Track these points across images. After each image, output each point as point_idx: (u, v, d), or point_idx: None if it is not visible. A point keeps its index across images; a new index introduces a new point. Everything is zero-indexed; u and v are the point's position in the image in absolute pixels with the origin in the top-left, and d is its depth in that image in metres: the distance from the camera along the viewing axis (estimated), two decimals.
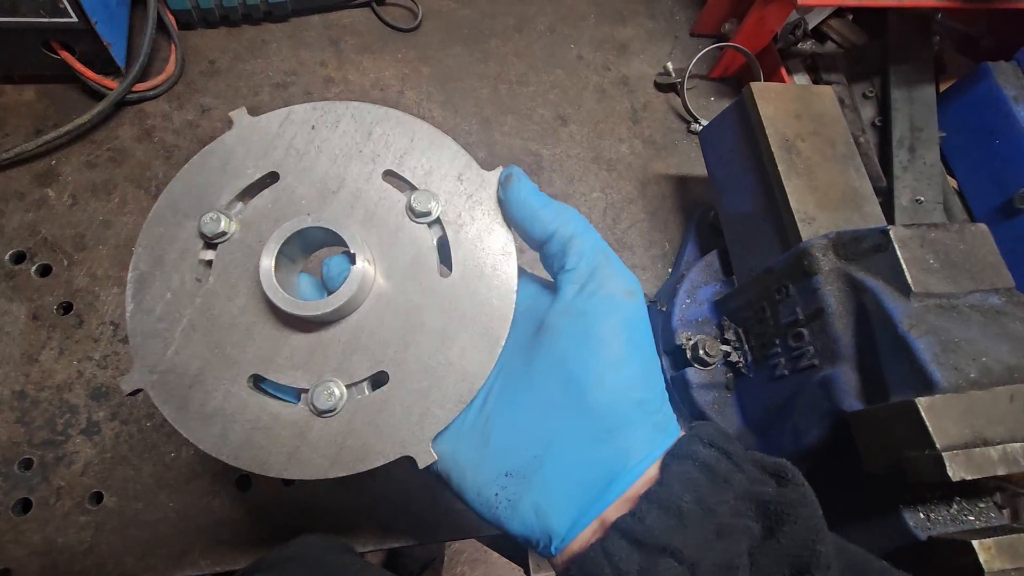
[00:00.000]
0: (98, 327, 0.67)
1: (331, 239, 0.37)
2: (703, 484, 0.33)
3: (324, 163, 0.38)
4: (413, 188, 0.39)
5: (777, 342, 0.59)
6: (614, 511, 0.34)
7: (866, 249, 0.50)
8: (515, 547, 0.76)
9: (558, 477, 0.35)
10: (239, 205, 0.38)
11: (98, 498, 0.61)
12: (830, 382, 0.51)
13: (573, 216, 0.39)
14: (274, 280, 0.34)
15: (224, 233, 0.37)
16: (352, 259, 0.35)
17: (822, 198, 0.61)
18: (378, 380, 0.38)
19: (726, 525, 0.32)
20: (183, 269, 0.37)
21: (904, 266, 0.47)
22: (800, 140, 0.64)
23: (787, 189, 0.61)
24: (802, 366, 0.55)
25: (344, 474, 0.36)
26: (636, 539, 0.32)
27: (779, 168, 0.62)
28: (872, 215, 0.62)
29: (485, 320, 0.37)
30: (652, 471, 0.35)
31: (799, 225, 0.59)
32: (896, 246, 0.48)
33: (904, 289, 0.46)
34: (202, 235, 0.37)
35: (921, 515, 0.47)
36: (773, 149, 0.63)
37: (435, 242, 0.38)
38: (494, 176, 0.38)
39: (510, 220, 0.39)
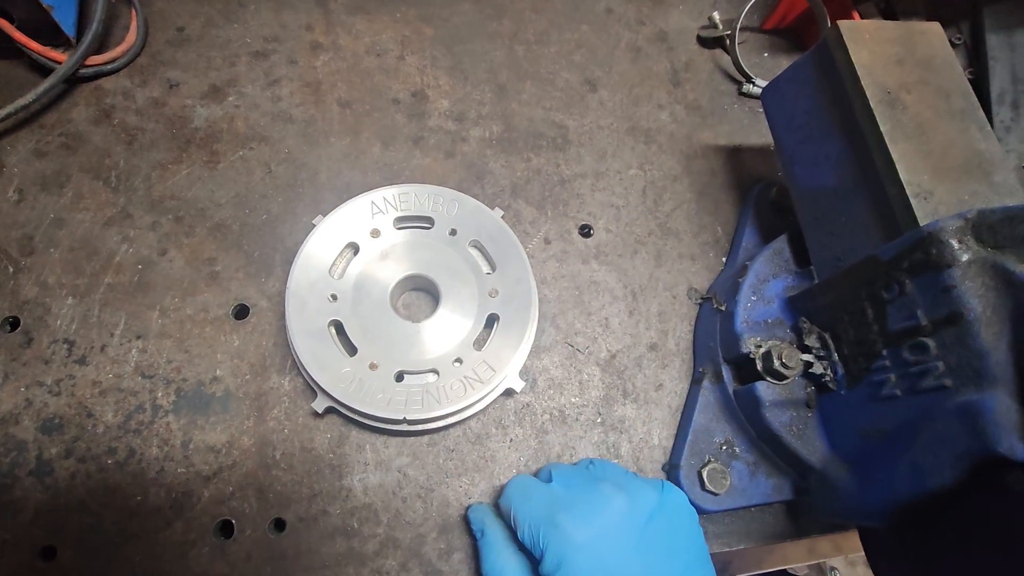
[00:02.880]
0: (50, 346, 0.56)
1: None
2: None
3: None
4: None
5: (885, 353, 0.46)
6: None
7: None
8: None
9: None
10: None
11: (50, 553, 0.51)
12: (976, 413, 0.38)
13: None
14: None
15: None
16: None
17: (938, 165, 0.48)
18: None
19: None
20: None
21: None
22: (905, 92, 0.50)
23: (893, 155, 0.47)
24: (925, 387, 0.42)
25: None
26: None
27: (881, 128, 0.48)
28: (1005, 186, 0.48)
29: None
30: None
31: (912, 201, 0.46)
32: None
33: None
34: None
35: None
36: (872, 105, 0.49)
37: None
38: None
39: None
